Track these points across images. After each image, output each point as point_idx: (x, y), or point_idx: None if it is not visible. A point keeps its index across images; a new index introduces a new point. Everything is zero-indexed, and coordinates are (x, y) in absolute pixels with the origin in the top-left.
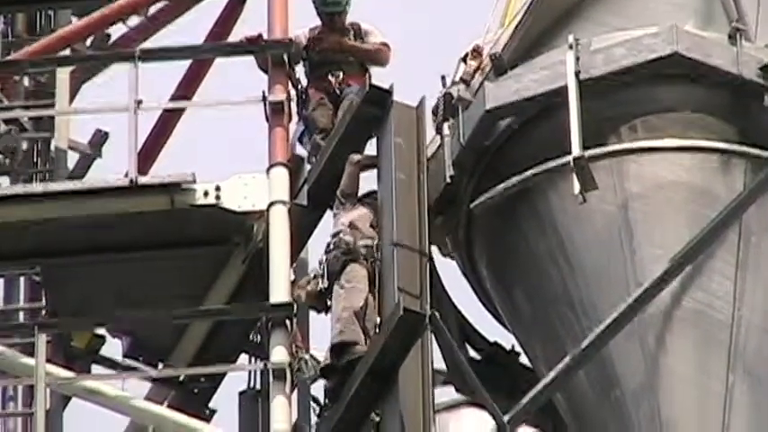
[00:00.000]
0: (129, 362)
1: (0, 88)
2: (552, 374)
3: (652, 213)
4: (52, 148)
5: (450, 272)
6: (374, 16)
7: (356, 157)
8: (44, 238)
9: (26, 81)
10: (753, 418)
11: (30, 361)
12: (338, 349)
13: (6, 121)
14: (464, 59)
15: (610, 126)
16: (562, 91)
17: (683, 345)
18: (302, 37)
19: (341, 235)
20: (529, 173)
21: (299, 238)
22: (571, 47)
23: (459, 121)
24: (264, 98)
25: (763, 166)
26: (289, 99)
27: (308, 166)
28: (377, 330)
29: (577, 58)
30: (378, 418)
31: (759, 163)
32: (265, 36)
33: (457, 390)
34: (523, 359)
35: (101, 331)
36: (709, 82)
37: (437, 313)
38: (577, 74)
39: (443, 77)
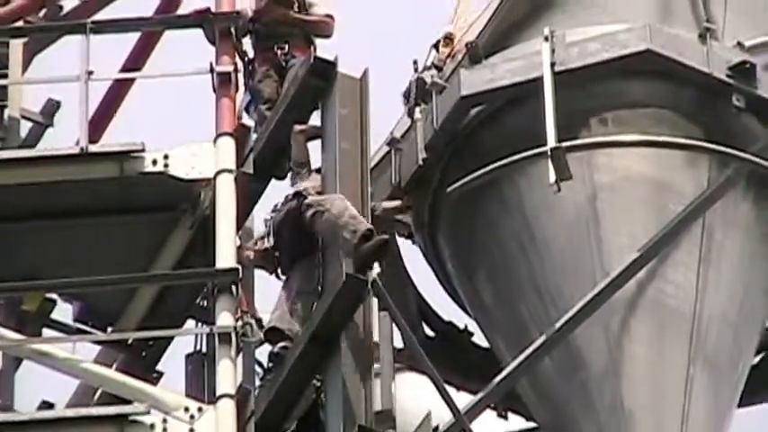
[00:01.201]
0: (79, 326)
1: None
2: (518, 360)
3: (619, 205)
4: (5, 117)
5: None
6: None
7: (299, 126)
8: (5, 201)
9: None
10: (711, 408)
11: None
12: None
13: None
14: (436, 46)
15: (581, 118)
16: (537, 82)
17: (647, 333)
18: (248, 10)
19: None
20: (507, 160)
21: (245, 206)
22: (547, 39)
23: (432, 106)
24: (212, 69)
25: (728, 163)
26: (236, 70)
27: (254, 136)
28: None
29: (552, 51)
30: (319, 384)
31: (724, 160)
32: (213, 9)
33: (410, 368)
34: (476, 339)
35: (51, 296)
36: (679, 79)
37: (379, 280)
38: (552, 65)
39: (415, 62)
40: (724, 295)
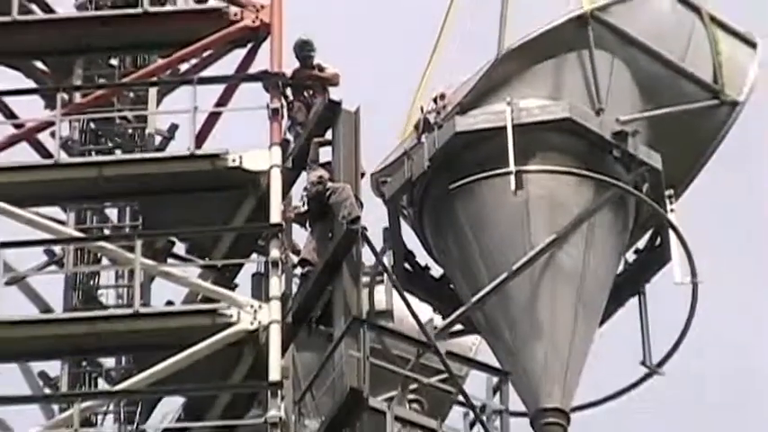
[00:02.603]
0: (188, 257)
1: (117, 98)
2: (473, 300)
3: (541, 208)
4: (146, 134)
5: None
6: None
7: (317, 139)
8: (143, 185)
9: (131, 94)
10: (586, 327)
11: (131, 255)
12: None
13: (120, 118)
14: (434, 100)
15: (525, 153)
16: (502, 128)
17: (551, 285)
18: (289, 72)
19: (322, 178)
20: (484, 174)
21: (286, 187)
22: (508, 104)
23: (434, 136)
24: (268, 106)
25: (606, 188)
26: (281, 106)
27: (292, 145)
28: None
29: (512, 111)
30: (331, 291)
31: (603, 185)
32: (269, 70)
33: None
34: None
35: (172, 239)
36: (582, 136)
37: (366, 230)
38: (512, 119)
39: (422, 108)
40: (595, 265)
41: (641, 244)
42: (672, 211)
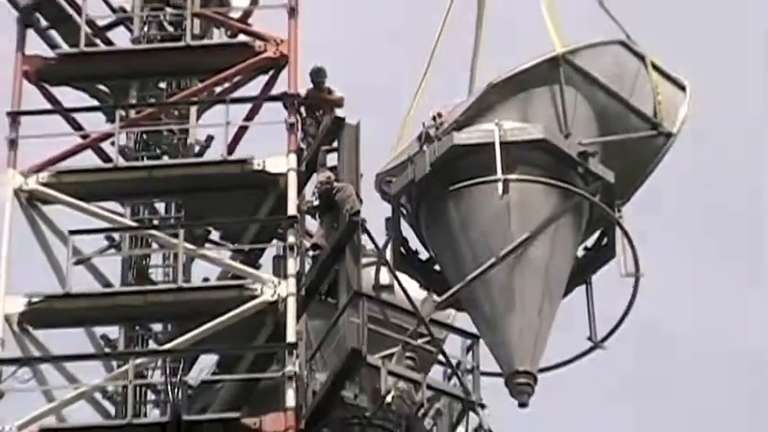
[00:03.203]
0: (221, 242)
1: (164, 114)
2: (450, 292)
3: (519, 210)
4: (188, 142)
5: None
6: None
7: (325, 147)
8: (185, 184)
9: (176, 111)
10: (548, 306)
11: (175, 241)
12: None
13: (167, 130)
14: (434, 117)
15: (505, 164)
16: (491, 143)
17: (523, 272)
18: (304, 92)
19: (330, 179)
20: (477, 180)
21: (300, 186)
22: (496, 125)
23: (434, 146)
24: (286, 121)
25: (570, 196)
26: (297, 121)
27: (305, 153)
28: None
29: (499, 130)
30: (336, 270)
31: (568, 194)
32: (287, 91)
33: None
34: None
35: (209, 228)
36: (553, 154)
37: (365, 220)
38: (500, 137)
39: (423, 123)
40: (558, 257)
41: (590, 243)
42: (620, 216)
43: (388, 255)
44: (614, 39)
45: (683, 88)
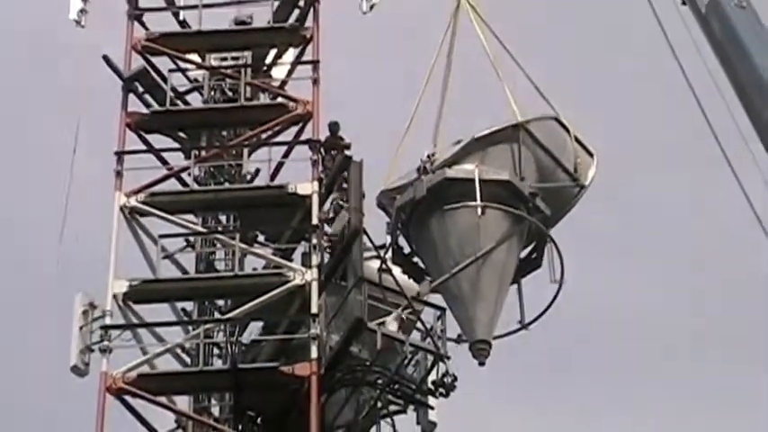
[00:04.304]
0: (262, 242)
1: (225, 153)
2: (440, 280)
3: (486, 227)
4: (242, 173)
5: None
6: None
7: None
8: (240, 202)
9: (234, 151)
10: (502, 299)
11: (233, 242)
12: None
13: (227, 164)
14: (428, 156)
15: (481, 195)
16: (472, 180)
17: (486, 270)
18: (323, 138)
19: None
20: (465, 204)
21: (321, 203)
22: (476, 167)
23: (430, 176)
24: (311, 158)
25: (521, 221)
26: (319, 159)
27: (324, 181)
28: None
29: (478, 170)
30: (345, 266)
31: (520, 218)
32: (312, 137)
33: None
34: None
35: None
36: (512, 190)
37: (366, 229)
38: (479, 175)
39: (421, 159)
40: (509, 261)
41: (522, 255)
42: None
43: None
44: (551, 115)
45: (591, 155)
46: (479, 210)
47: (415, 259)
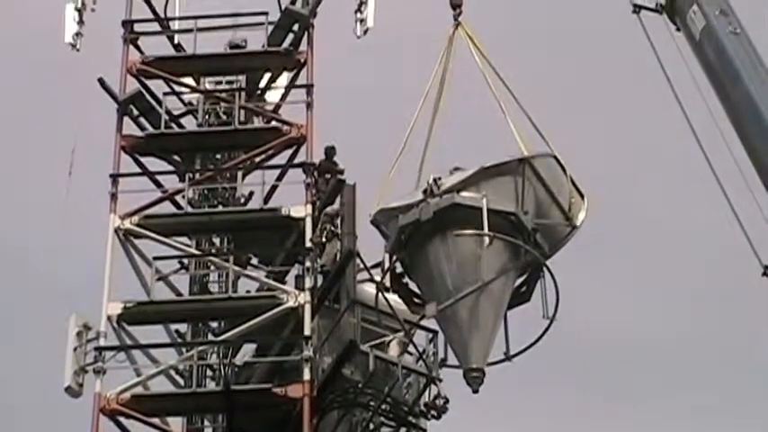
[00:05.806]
0: (257, 265)
1: (219, 176)
2: (447, 303)
3: (489, 256)
4: (236, 196)
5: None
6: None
7: (332, 207)
8: (233, 224)
9: (227, 174)
10: (497, 328)
11: (227, 264)
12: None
13: (221, 187)
14: (435, 180)
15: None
16: (480, 208)
17: (484, 299)
18: (317, 162)
19: (334, 221)
20: (462, 232)
21: (314, 226)
22: (484, 196)
23: (437, 200)
24: (305, 181)
25: (518, 251)
26: (312, 182)
27: (317, 204)
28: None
29: (486, 200)
30: (339, 284)
31: (520, 249)
32: (306, 161)
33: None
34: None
35: (250, 255)
36: (513, 222)
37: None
38: (487, 203)
39: (427, 182)
40: (505, 291)
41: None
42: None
43: (387, 265)
44: (550, 153)
45: (582, 197)
46: (486, 240)
47: (406, 280)
